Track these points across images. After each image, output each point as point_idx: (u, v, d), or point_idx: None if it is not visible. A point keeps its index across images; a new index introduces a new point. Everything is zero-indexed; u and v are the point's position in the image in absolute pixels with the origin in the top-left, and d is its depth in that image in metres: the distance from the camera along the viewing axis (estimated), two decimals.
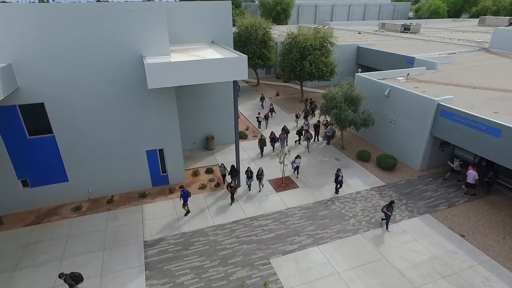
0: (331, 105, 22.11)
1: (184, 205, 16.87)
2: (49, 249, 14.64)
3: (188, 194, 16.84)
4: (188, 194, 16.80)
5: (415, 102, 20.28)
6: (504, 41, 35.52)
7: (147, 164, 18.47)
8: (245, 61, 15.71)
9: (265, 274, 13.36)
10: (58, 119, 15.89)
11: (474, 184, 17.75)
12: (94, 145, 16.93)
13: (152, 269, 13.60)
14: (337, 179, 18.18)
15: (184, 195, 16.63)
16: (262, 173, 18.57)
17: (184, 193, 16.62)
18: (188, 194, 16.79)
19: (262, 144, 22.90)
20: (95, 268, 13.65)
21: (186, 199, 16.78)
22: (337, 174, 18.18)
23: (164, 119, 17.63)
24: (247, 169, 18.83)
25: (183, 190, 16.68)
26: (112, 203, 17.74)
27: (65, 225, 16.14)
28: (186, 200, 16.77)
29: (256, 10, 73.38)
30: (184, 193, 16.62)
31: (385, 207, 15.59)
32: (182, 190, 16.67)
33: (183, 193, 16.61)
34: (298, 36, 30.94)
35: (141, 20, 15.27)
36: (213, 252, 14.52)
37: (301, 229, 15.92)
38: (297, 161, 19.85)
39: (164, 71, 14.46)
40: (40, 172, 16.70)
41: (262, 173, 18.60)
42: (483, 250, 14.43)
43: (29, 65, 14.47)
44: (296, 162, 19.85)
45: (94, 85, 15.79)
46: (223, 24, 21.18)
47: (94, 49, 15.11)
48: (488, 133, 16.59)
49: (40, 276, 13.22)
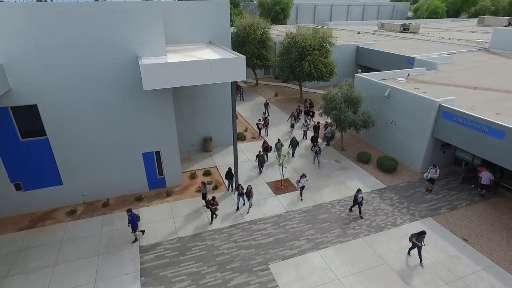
0: (330, 106, 21.77)
1: (134, 231, 14.70)
2: (42, 254, 14.25)
3: (138, 219, 14.70)
4: (137, 218, 14.64)
5: (416, 103, 19.97)
6: (504, 41, 35.28)
7: (144, 167, 18.09)
8: (243, 62, 15.36)
9: (263, 280, 13.01)
10: (52, 121, 15.50)
11: (489, 185, 17.51)
12: (89, 147, 16.55)
13: (148, 275, 13.24)
14: (357, 201, 16.33)
15: (132, 220, 14.39)
16: (251, 191, 16.83)
17: (133, 218, 14.38)
18: (137, 219, 14.64)
19: (260, 162, 20.39)
20: (89, 274, 13.27)
21: (135, 225, 14.57)
22: (356, 195, 16.21)
23: (160, 121, 17.26)
24: (238, 185, 17.19)
25: (131, 214, 14.39)
26: (108, 206, 17.36)
27: (59, 229, 15.75)
28: (135, 226, 14.56)
29: (254, 10, 73.00)
30: (133, 218, 14.38)
31: (414, 237, 13.48)
32: (130, 215, 14.38)
33: (131, 218, 14.36)
34: (297, 36, 30.61)
35: (136, 19, 14.91)
36: (211, 258, 14.16)
37: (301, 233, 15.58)
38: (302, 180, 17.53)
39: (160, 72, 14.09)
40: (34, 175, 16.31)
41: (251, 192, 16.85)
42: (487, 255, 14.12)
43: (21, 66, 14.08)
44: (302, 182, 17.58)
45: (89, 86, 15.41)
46: (221, 24, 20.82)
47: (88, 50, 14.73)
48: (491, 135, 16.28)
49: (32, 283, 12.82)
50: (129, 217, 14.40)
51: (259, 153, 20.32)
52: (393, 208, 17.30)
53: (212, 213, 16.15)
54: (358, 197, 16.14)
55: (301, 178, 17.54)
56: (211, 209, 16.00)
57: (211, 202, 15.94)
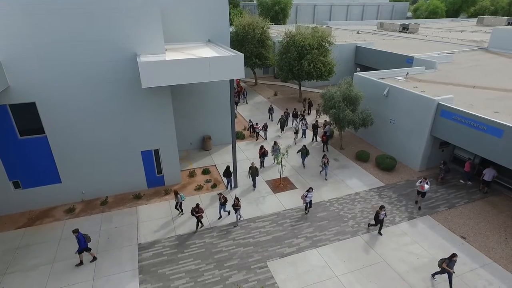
0: (329, 104, 21.79)
1: (78, 252, 13.24)
2: (41, 252, 14.24)
3: (86, 239, 13.26)
4: (86, 239, 13.25)
5: (414, 102, 19.99)
6: (503, 40, 35.30)
7: (142, 165, 18.10)
8: (241, 60, 15.37)
9: (262, 277, 13.02)
10: (50, 119, 15.50)
11: (490, 182, 17.81)
12: (87, 145, 16.55)
13: (146, 273, 13.24)
14: (378, 218, 15.00)
15: (79, 241, 13.10)
16: (238, 203, 15.62)
17: (79, 239, 13.08)
18: (86, 239, 13.24)
19: (253, 174, 18.61)
20: (87, 272, 13.27)
21: (84, 246, 13.23)
22: (378, 212, 14.92)
23: (159, 119, 17.27)
24: (220, 194, 16.10)
25: (78, 235, 13.09)
26: (106, 204, 17.36)
27: (57, 227, 15.75)
28: (82, 246, 13.19)
29: (254, 9, 73.02)
30: (79, 239, 13.08)
31: (445, 262, 12.20)
32: (77, 236, 13.08)
33: (78, 239, 13.08)
34: (296, 35, 30.63)
35: (135, 17, 14.91)
36: (209, 255, 14.17)
37: (299, 231, 15.60)
38: (309, 195, 16.29)
39: (158, 70, 14.10)
40: (32, 173, 16.31)
41: (239, 204, 15.63)
42: (485, 253, 14.15)
43: (20, 63, 14.07)
44: (309, 197, 16.32)
45: (87, 84, 15.41)
46: (219, 23, 20.83)
47: (86, 47, 14.73)
48: (489, 133, 16.31)
49: (30, 280, 12.82)
50: (76, 238, 13.08)
51: (252, 165, 18.67)
52: (392, 206, 17.32)
53: (198, 221, 15.45)
54: (381, 214, 14.82)
55: (308, 193, 16.27)
56: (196, 216, 15.26)
57: (195, 210, 15.19)
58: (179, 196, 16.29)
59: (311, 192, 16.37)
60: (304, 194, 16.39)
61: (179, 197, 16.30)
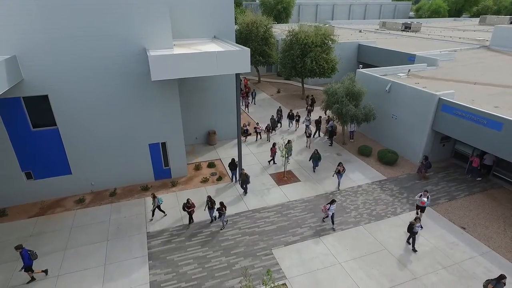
0: (332, 100, 22.20)
1: (22, 269, 12.14)
2: (53, 240, 14.75)
3: (31, 256, 12.01)
4: (31, 256, 12.01)
5: (416, 97, 20.38)
6: (505, 38, 35.59)
7: (150, 158, 18.58)
8: (247, 54, 15.81)
9: (267, 264, 13.47)
10: (62, 112, 16.00)
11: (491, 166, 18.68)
12: (97, 138, 17.04)
13: (156, 259, 13.72)
14: (412, 230, 13.78)
15: (24, 258, 11.96)
16: (222, 208, 15.06)
17: (23, 256, 11.95)
18: (30, 256, 11.98)
19: (244, 182, 17.80)
20: (99, 257, 13.77)
21: (28, 263, 12.06)
22: (413, 224, 13.63)
23: (166, 112, 17.74)
24: (207, 198, 15.54)
25: (22, 251, 12.01)
26: (115, 195, 17.85)
27: (68, 217, 16.25)
28: (27, 263, 12.02)
29: (257, 9, 73.45)
30: (23, 256, 11.95)
31: (491, 284, 11.10)
32: (21, 252, 12.01)
33: (22, 256, 11.99)
34: (299, 33, 31.05)
35: (144, 13, 15.38)
36: (216, 243, 14.63)
37: (303, 221, 16.03)
38: (332, 207, 15.06)
39: (168, 63, 14.58)
40: (44, 165, 16.81)
41: (223, 209, 15.07)
42: (484, 242, 14.54)
43: (33, 57, 14.57)
44: (331, 209, 15.11)
45: (98, 78, 15.90)
46: (225, 19, 21.31)
47: (97, 42, 15.22)
48: (489, 126, 16.69)
49: (43, 266, 13.28)
50: (20, 255, 12.03)
51: (242, 171, 17.92)
52: (393, 198, 17.73)
53: (189, 216, 15.58)
54: (416, 227, 13.60)
55: (330, 205, 15.06)
56: (187, 212, 15.39)
57: (187, 205, 15.23)
58: (156, 200, 15.62)
59: (334, 204, 15.12)
60: (327, 207, 15.11)
61: (156, 201, 15.62)
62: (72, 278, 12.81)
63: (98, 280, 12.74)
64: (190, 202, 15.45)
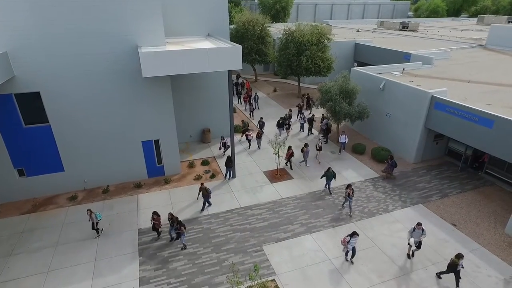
0: (326, 97, 22.23)
1: None
2: (44, 236, 14.77)
3: None
4: None
5: (409, 95, 20.42)
6: (500, 37, 35.67)
7: (143, 155, 18.59)
8: (239, 51, 15.82)
9: (257, 260, 13.49)
10: (54, 108, 16.00)
11: None
12: (89, 135, 17.05)
13: (146, 255, 13.73)
14: (455, 269, 11.86)
15: None
16: (181, 228, 13.64)
17: None
18: None
19: (205, 196, 16.24)
20: (89, 253, 13.78)
21: None
22: (455, 261, 11.77)
23: (159, 109, 17.75)
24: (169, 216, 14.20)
25: None
26: (108, 193, 17.87)
27: (60, 213, 16.27)
28: None
29: (255, 8, 73.51)
30: None
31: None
32: None
33: None
34: (295, 31, 31.08)
35: (136, 9, 15.38)
36: (207, 240, 14.65)
37: (295, 218, 16.06)
38: (352, 240, 12.85)
39: (159, 60, 14.58)
40: (36, 162, 16.82)
41: (181, 229, 13.64)
42: (474, 238, 14.57)
43: (25, 54, 14.56)
44: (352, 243, 12.88)
45: (90, 75, 15.90)
46: (219, 17, 21.27)
47: (89, 39, 15.21)
48: (481, 124, 16.72)
49: (34, 261, 13.34)
50: None
51: (201, 185, 16.32)
52: (386, 196, 17.76)
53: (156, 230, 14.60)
54: (460, 264, 11.79)
55: (351, 238, 12.84)
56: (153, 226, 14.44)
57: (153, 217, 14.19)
58: (93, 216, 14.23)
59: (356, 237, 12.85)
60: (346, 240, 12.90)
61: (93, 217, 14.23)
62: (62, 274, 12.82)
63: (88, 275, 12.75)
64: (157, 214, 14.29)
